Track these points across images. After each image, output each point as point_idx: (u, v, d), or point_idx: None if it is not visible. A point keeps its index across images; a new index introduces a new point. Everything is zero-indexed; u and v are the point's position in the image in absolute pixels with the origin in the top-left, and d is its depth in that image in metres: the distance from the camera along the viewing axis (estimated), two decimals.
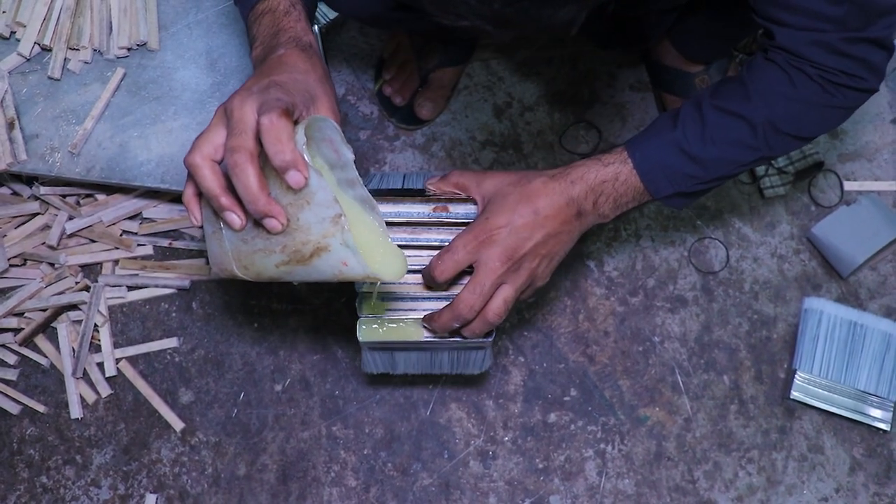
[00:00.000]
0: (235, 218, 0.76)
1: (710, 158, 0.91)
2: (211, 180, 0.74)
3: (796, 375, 1.24)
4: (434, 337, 0.94)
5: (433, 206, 0.94)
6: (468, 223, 0.92)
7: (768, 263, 1.32)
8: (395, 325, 0.95)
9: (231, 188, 0.75)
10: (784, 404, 1.27)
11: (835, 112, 0.91)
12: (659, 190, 0.93)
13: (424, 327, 0.94)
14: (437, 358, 1.01)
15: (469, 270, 0.89)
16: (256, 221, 0.75)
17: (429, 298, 0.94)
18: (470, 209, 0.94)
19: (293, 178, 0.72)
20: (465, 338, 0.93)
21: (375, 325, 0.95)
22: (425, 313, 0.93)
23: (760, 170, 1.33)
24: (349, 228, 0.74)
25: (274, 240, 0.76)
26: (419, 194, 0.95)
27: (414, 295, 0.95)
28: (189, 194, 0.79)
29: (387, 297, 0.95)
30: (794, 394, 1.24)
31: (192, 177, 0.76)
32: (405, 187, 0.97)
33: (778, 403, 1.27)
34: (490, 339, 0.95)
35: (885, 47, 0.87)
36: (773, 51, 0.89)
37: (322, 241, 0.75)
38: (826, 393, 1.24)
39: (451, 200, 0.94)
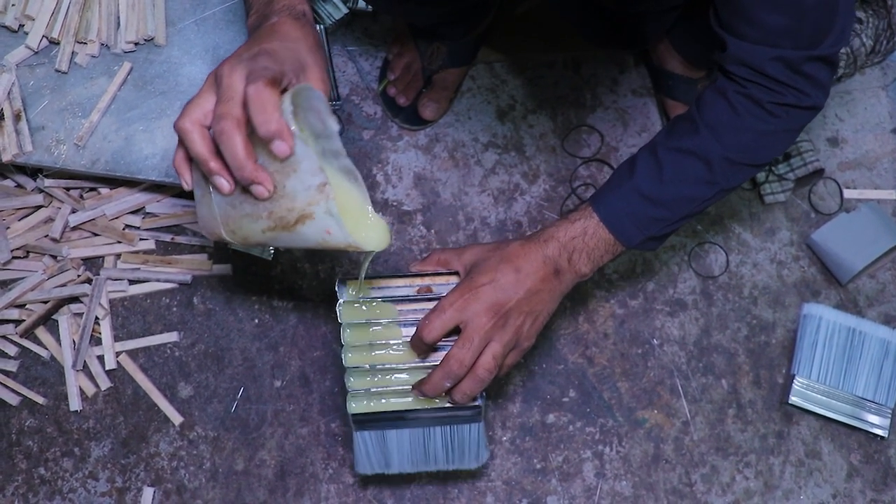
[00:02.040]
0: (224, 182, 0.77)
1: (670, 199, 0.94)
2: (200, 145, 0.76)
3: (795, 380, 1.25)
4: (425, 406, 0.96)
5: (417, 288, 0.97)
6: None
7: (768, 269, 1.33)
8: (384, 399, 0.96)
9: (220, 153, 0.76)
10: (782, 409, 1.27)
11: (783, 135, 0.94)
12: (629, 238, 0.96)
13: (419, 397, 0.95)
14: (430, 442, 1.02)
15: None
16: (244, 187, 0.77)
17: (417, 370, 0.96)
18: (452, 286, 0.95)
19: (278, 147, 0.74)
20: (455, 403, 0.94)
21: (365, 400, 0.96)
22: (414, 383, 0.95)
23: (761, 176, 1.34)
24: (333, 197, 0.75)
25: (260, 205, 0.78)
26: (405, 275, 0.98)
27: (402, 367, 0.96)
28: (179, 158, 0.80)
29: (375, 370, 0.96)
30: (793, 399, 1.25)
31: (182, 141, 0.77)
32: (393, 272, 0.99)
33: (776, 408, 1.27)
34: (480, 404, 0.96)
35: (832, 64, 0.90)
36: (722, 78, 0.92)
37: (307, 209, 0.76)
38: (824, 398, 1.25)
39: (434, 276, 0.97)
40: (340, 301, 0.96)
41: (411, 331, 0.94)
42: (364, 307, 0.97)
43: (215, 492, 1.22)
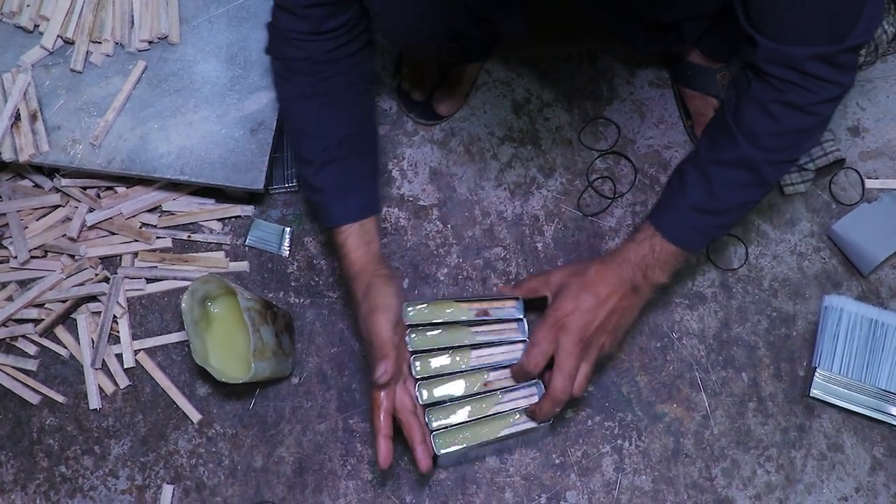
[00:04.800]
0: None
1: (726, 208, 1.02)
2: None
3: (816, 373, 1.23)
4: (507, 427, 1.11)
5: (476, 311, 1.12)
6: (508, 319, 1.13)
7: (788, 261, 1.32)
8: (468, 432, 1.09)
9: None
10: (803, 402, 1.26)
11: (820, 127, 0.97)
12: (697, 246, 1.06)
13: (498, 426, 1.11)
14: (504, 442, 1.18)
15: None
16: None
17: (481, 396, 1.10)
18: (509, 309, 1.13)
19: None
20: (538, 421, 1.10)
21: (450, 438, 1.08)
22: (490, 412, 1.10)
23: None
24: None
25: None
26: (464, 300, 1.13)
27: (474, 393, 1.10)
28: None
29: (452, 406, 1.10)
30: (814, 392, 1.23)
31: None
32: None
33: (797, 401, 1.26)
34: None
35: (861, 47, 0.91)
36: (757, 83, 0.93)
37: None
38: (846, 391, 1.23)
39: (492, 301, 1.13)
40: (410, 336, 1.09)
41: (482, 352, 1.11)
42: (431, 333, 1.10)
43: (234, 489, 1.23)
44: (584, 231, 1.33)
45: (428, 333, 1.10)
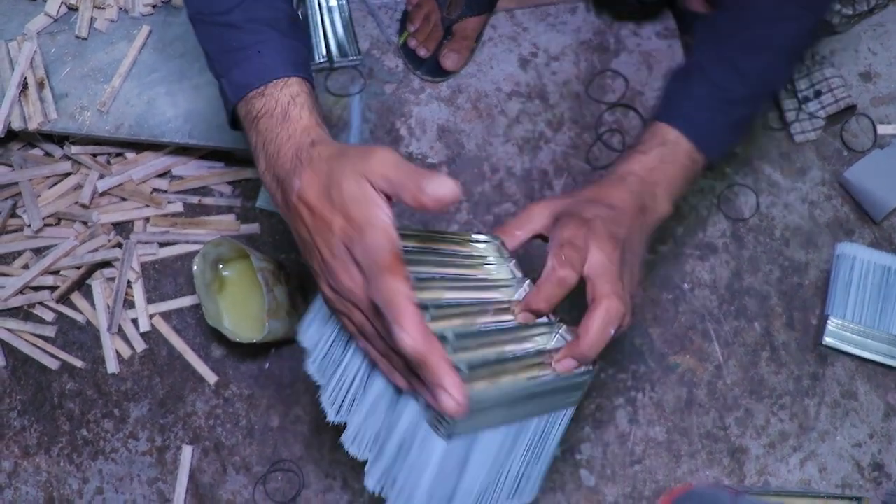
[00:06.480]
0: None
1: (752, 92, 0.88)
2: None
3: (829, 321, 1.23)
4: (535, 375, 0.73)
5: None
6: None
7: (799, 209, 1.31)
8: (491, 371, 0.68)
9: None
10: (816, 351, 1.26)
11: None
12: (714, 147, 0.87)
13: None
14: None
15: None
16: None
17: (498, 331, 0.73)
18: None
19: None
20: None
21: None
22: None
23: (791, 114, 1.31)
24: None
25: None
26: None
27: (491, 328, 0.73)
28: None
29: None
30: (827, 340, 1.23)
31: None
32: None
33: (810, 350, 1.26)
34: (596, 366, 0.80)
35: None
36: None
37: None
38: (859, 338, 1.23)
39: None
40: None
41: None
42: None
43: (252, 448, 1.24)
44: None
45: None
